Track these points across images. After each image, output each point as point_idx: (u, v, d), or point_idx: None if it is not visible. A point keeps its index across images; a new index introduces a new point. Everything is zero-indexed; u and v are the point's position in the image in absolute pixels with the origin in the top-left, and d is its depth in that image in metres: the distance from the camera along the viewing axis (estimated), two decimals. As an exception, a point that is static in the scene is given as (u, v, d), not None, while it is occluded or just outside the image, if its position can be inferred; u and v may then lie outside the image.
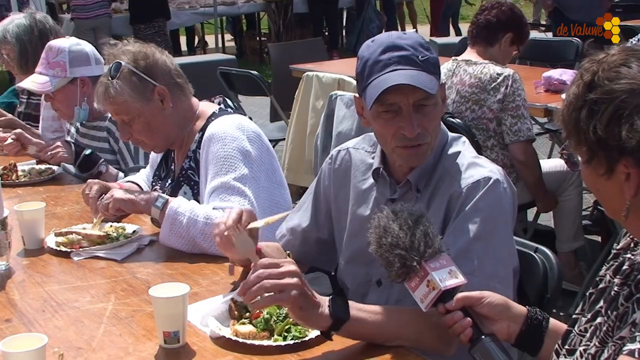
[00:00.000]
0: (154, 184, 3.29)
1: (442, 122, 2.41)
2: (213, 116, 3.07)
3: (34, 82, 3.82)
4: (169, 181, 3.18)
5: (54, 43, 3.88)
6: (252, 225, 2.31)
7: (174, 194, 3.07)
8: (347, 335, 2.07)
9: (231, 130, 2.94)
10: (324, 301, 2.04)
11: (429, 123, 2.28)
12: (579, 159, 1.66)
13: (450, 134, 2.45)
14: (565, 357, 1.74)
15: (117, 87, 2.96)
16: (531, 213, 5.28)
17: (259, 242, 2.39)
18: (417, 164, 2.36)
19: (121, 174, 3.68)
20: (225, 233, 2.31)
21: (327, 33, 14.65)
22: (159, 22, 12.11)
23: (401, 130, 2.26)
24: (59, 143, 3.83)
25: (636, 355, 1.40)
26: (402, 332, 2.10)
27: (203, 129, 3.04)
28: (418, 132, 2.26)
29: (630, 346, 1.43)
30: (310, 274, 3.29)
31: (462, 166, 2.34)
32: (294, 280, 1.98)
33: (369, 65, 2.28)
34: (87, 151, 3.74)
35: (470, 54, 4.79)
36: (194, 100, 3.15)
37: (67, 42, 3.86)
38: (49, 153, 3.81)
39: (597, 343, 1.66)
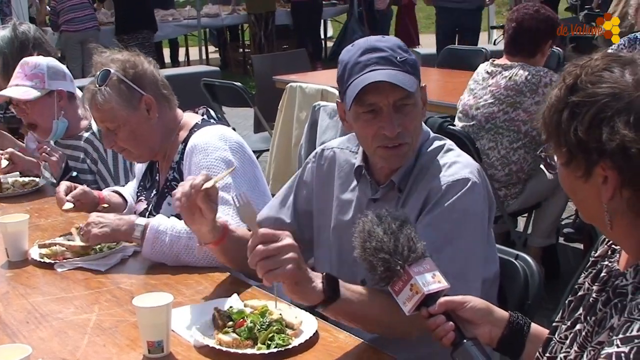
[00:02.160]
0: (139, 194, 3.29)
1: (424, 124, 2.46)
2: (196, 127, 3.08)
3: (14, 92, 3.77)
4: (154, 192, 3.19)
5: (30, 59, 3.87)
6: (205, 185, 2.33)
7: (158, 204, 3.08)
8: (331, 313, 2.11)
9: (213, 141, 2.95)
10: (317, 277, 2.06)
11: (409, 123, 2.32)
12: (557, 161, 1.68)
13: (432, 134, 2.48)
14: None
15: (105, 94, 2.97)
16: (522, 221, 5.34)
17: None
18: (398, 165, 2.40)
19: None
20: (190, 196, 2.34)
21: (310, 45, 14.69)
22: (144, 33, 12.10)
23: (382, 131, 2.30)
24: (61, 152, 3.80)
25: (613, 359, 1.42)
26: (382, 318, 2.15)
27: (186, 140, 3.05)
28: (399, 132, 2.30)
29: (607, 350, 1.44)
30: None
31: (441, 164, 2.37)
32: (291, 254, 2.00)
33: (348, 67, 2.32)
34: (74, 173, 3.72)
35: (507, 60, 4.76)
36: (178, 111, 3.17)
37: (43, 59, 3.86)
38: (44, 153, 3.78)
39: (576, 349, 1.68)
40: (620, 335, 1.43)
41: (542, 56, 4.70)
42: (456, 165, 2.36)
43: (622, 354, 1.41)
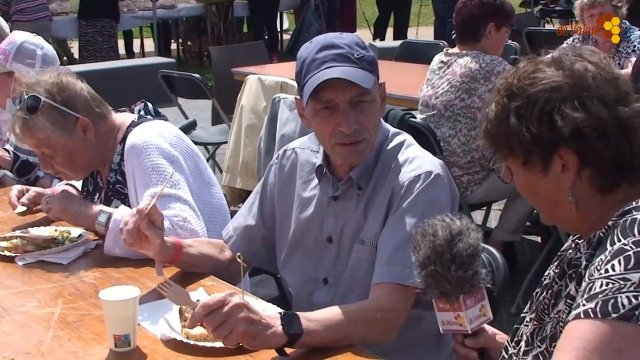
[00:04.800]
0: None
1: (383, 120, 2.47)
2: (132, 125, 3.00)
3: None
4: (97, 195, 3.13)
5: (15, 33, 3.90)
6: (148, 207, 2.32)
7: (105, 208, 3.03)
8: (300, 347, 2.06)
9: (152, 138, 2.88)
10: (274, 320, 2.02)
11: (366, 120, 2.33)
12: (512, 171, 1.75)
13: (392, 130, 2.49)
14: (514, 349, 1.80)
15: (38, 123, 2.86)
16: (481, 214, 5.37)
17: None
18: (356, 162, 2.40)
19: (56, 180, 3.64)
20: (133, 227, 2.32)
21: (266, 37, 14.63)
22: (103, 22, 11.98)
23: (338, 127, 2.31)
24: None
25: (590, 315, 1.46)
26: (351, 332, 2.13)
27: (123, 140, 2.97)
28: (355, 129, 2.30)
29: (574, 311, 1.49)
30: (257, 277, 3.31)
31: (403, 160, 2.38)
32: (239, 315, 1.96)
33: (306, 64, 2.33)
34: (24, 157, 3.71)
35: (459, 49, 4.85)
36: (113, 115, 3.07)
37: (24, 37, 3.84)
38: None
39: (535, 322, 1.75)
40: (585, 295, 1.49)
41: (488, 40, 4.77)
42: (417, 159, 2.38)
43: (590, 310, 1.46)
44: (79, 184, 3.37)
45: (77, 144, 2.93)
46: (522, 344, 1.77)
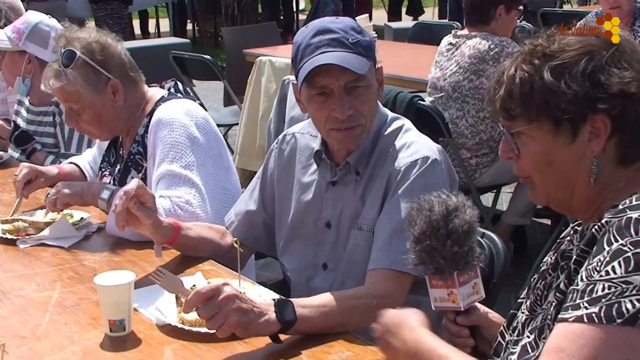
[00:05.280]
0: (102, 169, 3.26)
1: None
2: (161, 100, 3.04)
3: None
4: (118, 166, 3.15)
5: (29, 13, 3.93)
6: (134, 187, 2.33)
7: (122, 179, 3.05)
8: (295, 334, 2.06)
9: (179, 116, 2.91)
10: (268, 307, 2.02)
11: (361, 105, 2.31)
12: (525, 139, 1.68)
13: (390, 115, 2.47)
14: (511, 336, 1.79)
15: (69, 76, 2.90)
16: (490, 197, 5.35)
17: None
18: (352, 147, 2.39)
19: (50, 157, 3.69)
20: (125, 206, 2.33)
21: (282, 17, 14.59)
22: (113, 4, 11.97)
23: (333, 113, 2.29)
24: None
25: (595, 320, 1.44)
26: (347, 319, 2.12)
27: (151, 113, 3.00)
28: (350, 114, 2.29)
29: (575, 313, 1.48)
30: (262, 260, 3.30)
31: (400, 146, 2.36)
32: (231, 305, 1.95)
33: (301, 49, 2.32)
34: (23, 127, 3.80)
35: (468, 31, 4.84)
36: (145, 87, 3.12)
37: (39, 17, 3.86)
38: None
39: (527, 312, 1.74)
40: (587, 297, 1.47)
41: (498, 23, 4.74)
42: (415, 144, 2.36)
43: (594, 315, 1.45)
44: (83, 161, 3.38)
45: (105, 103, 2.97)
46: (516, 333, 1.76)
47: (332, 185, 2.45)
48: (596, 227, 1.56)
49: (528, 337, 1.68)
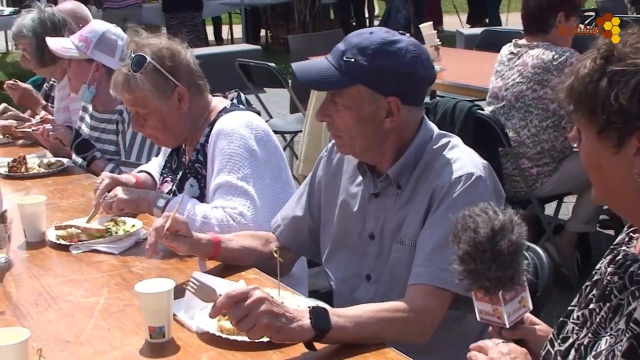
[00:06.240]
0: (164, 175, 3.31)
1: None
2: (224, 111, 3.08)
3: (59, 43, 3.94)
4: (180, 174, 3.20)
5: (95, 22, 4.05)
6: (166, 224, 2.40)
7: (181, 186, 3.10)
8: (329, 342, 2.07)
9: (239, 128, 2.94)
10: (302, 313, 2.03)
11: (339, 120, 2.35)
12: (582, 134, 1.65)
13: (437, 131, 2.45)
14: (560, 345, 1.74)
15: (138, 81, 2.95)
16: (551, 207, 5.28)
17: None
18: (342, 154, 2.50)
19: (110, 165, 3.74)
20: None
21: (354, 24, 14.61)
22: (185, 13, 12.16)
23: None
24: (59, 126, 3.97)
25: None
26: (383, 331, 2.12)
27: (212, 123, 3.04)
28: (327, 122, 2.37)
29: None
30: (315, 268, 3.32)
31: (445, 161, 2.35)
32: (262, 308, 1.97)
33: None
34: (87, 133, 3.88)
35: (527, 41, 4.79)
36: (208, 96, 3.16)
37: (106, 26, 3.94)
38: (47, 127, 3.94)
39: (589, 334, 1.67)
40: None
41: (559, 32, 4.67)
42: (460, 161, 2.33)
43: None
44: (154, 171, 3.44)
45: (171, 110, 3.02)
46: (572, 351, 1.70)
47: (375, 197, 2.45)
48: None
49: None
